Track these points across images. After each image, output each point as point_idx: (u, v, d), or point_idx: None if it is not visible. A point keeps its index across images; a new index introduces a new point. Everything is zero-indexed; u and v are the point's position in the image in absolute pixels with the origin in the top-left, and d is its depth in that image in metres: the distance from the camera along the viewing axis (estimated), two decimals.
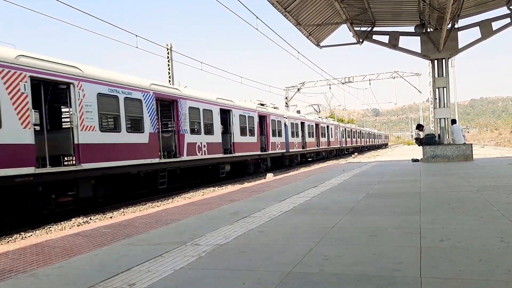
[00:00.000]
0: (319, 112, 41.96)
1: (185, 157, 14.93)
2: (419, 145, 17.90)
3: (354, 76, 48.27)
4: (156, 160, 13.38)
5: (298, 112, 33.07)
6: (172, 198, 13.29)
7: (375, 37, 17.37)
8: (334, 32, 18.77)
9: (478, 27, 15.87)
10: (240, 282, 2.95)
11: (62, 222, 9.72)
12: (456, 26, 15.92)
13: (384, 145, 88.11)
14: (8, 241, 7.97)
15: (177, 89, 15.21)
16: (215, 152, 17.14)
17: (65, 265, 3.69)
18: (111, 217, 10.11)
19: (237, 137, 19.26)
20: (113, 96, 11.70)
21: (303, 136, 30.14)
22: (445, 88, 16.02)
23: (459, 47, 16.12)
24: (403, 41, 16.89)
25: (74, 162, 10.78)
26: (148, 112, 13.12)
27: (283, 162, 26.80)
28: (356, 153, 42.04)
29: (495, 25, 15.72)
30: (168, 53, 23.44)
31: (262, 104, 23.54)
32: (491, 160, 15.61)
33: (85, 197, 10.89)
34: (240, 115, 19.61)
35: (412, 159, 17.67)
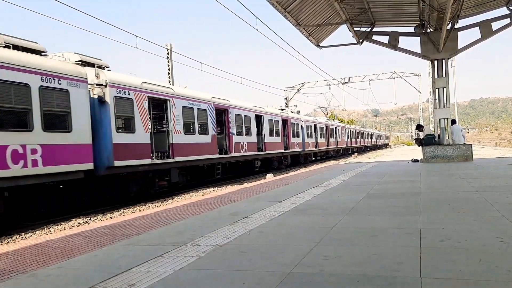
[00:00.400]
0: (327, 114, 42.75)
1: (233, 154, 18.95)
2: (419, 146, 17.90)
3: (354, 77, 48.25)
4: (215, 156, 17.30)
5: (298, 112, 33.41)
6: (172, 199, 13.29)
7: (375, 37, 17.38)
8: (334, 33, 18.79)
9: (478, 28, 15.87)
10: (240, 283, 2.94)
11: (62, 223, 9.72)
12: (456, 26, 15.93)
13: (386, 145, 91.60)
14: (8, 242, 7.96)
15: (227, 100, 19.08)
16: (252, 150, 21.06)
17: (65, 266, 3.69)
18: (111, 218, 10.11)
19: (267, 138, 23.26)
20: (190, 108, 15.63)
21: (315, 137, 33.64)
22: (445, 89, 16.03)
23: (459, 48, 16.13)
24: (403, 42, 16.91)
25: (169, 156, 14.30)
26: (211, 119, 17.05)
27: (299, 160, 30.04)
28: (356, 154, 42.05)
29: (495, 26, 15.74)
30: (168, 53, 23.45)
31: (282, 109, 27.81)
32: (491, 161, 15.61)
33: (174, 182, 14.52)
34: (269, 119, 23.76)
35: (412, 160, 17.67)
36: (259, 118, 22.30)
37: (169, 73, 23.37)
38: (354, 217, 5.25)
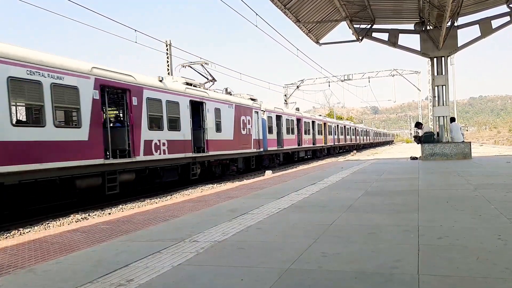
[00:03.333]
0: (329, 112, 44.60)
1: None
2: (418, 143, 17.92)
3: (353, 74, 48.20)
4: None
5: (297, 109, 33.60)
6: (171, 195, 13.30)
7: (374, 34, 17.36)
8: (333, 30, 18.76)
9: (477, 25, 15.86)
10: (238, 279, 2.95)
11: (60, 218, 9.72)
12: (455, 24, 15.90)
13: (391, 142, 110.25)
14: (6, 237, 7.96)
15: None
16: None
17: (64, 261, 3.69)
18: (109, 214, 10.11)
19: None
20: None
21: (325, 134, 37.41)
22: (444, 86, 16.03)
23: (459, 45, 16.12)
24: (403, 39, 16.89)
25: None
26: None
27: (309, 155, 33.58)
28: (355, 151, 42.04)
29: (495, 23, 15.73)
30: (167, 48, 23.39)
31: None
32: (489, 159, 15.64)
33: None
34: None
35: (410, 157, 17.69)
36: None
37: (168, 69, 23.32)
38: (353, 214, 5.26)
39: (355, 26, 17.03)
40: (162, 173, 14.09)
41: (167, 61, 23.39)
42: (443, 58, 16.19)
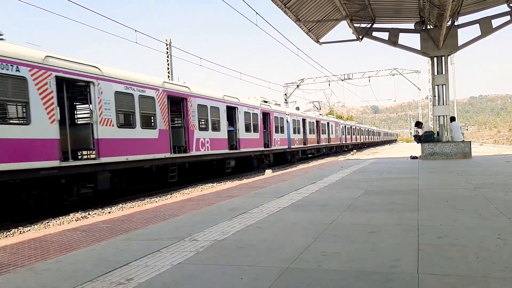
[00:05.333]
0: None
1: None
2: (418, 142, 17.92)
3: (353, 73, 48.22)
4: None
5: (297, 109, 33.78)
6: (171, 194, 13.30)
7: (374, 33, 17.34)
8: (333, 29, 18.75)
9: (478, 25, 15.85)
10: (238, 278, 2.95)
11: (60, 217, 9.72)
12: (456, 23, 15.90)
13: (394, 141, 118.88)
14: (6, 236, 7.97)
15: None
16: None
17: (63, 260, 3.70)
18: (109, 212, 10.11)
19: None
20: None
21: (336, 134, 42.48)
22: (444, 86, 16.02)
23: (459, 45, 16.11)
24: (403, 38, 16.94)
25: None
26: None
27: (325, 152, 38.92)
28: (355, 150, 42.05)
29: (495, 23, 15.72)
30: (167, 48, 23.38)
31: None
32: (489, 158, 15.63)
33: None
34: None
35: (410, 156, 17.69)
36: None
37: (168, 68, 23.31)
38: (353, 214, 5.26)
39: (355, 25, 17.01)
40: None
41: (167, 61, 23.38)
42: (443, 57, 16.18)
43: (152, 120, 13.66)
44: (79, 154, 13.15)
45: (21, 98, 9.30)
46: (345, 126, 48.05)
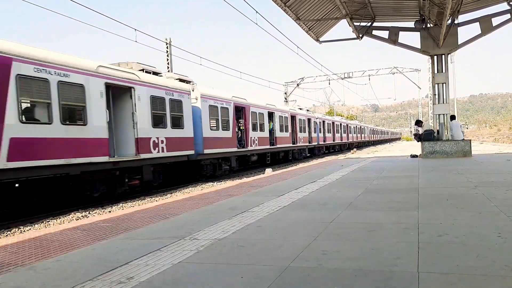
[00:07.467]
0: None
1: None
2: (418, 141, 17.91)
3: (353, 72, 48.14)
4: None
5: (300, 109, 33.73)
6: (171, 193, 13.31)
7: (374, 32, 17.33)
8: (333, 27, 18.72)
9: (478, 23, 15.83)
10: (238, 276, 2.95)
11: (60, 216, 9.73)
12: (456, 22, 15.88)
13: (399, 139, 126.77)
14: (6, 235, 7.97)
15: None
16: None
17: (64, 259, 3.70)
18: (109, 212, 10.12)
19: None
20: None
21: (347, 133, 48.12)
22: (444, 84, 16.01)
23: (459, 43, 16.10)
24: (403, 37, 16.99)
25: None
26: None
27: (337, 149, 44.80)
28: (355, 149, 42.02)
29: (495, 21, 15.70)
30: (167, 47, 23.37)
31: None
32: (489, 156, 15.63)
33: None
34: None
35: (410, 155, 17.68)
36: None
37: (168, 67, 23.30)
38: (353, 212, 5.26)
39: (355, 24, 17.00)
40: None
41: (167, 60, 23.37)
42: (443, 56, 16.17)
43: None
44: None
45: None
46: (360, 126, 58.63)
